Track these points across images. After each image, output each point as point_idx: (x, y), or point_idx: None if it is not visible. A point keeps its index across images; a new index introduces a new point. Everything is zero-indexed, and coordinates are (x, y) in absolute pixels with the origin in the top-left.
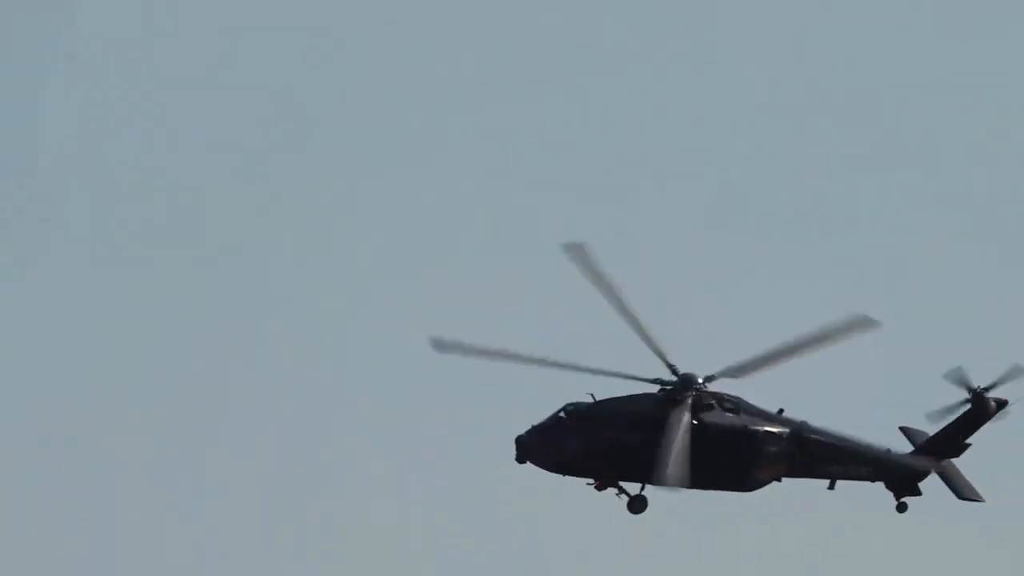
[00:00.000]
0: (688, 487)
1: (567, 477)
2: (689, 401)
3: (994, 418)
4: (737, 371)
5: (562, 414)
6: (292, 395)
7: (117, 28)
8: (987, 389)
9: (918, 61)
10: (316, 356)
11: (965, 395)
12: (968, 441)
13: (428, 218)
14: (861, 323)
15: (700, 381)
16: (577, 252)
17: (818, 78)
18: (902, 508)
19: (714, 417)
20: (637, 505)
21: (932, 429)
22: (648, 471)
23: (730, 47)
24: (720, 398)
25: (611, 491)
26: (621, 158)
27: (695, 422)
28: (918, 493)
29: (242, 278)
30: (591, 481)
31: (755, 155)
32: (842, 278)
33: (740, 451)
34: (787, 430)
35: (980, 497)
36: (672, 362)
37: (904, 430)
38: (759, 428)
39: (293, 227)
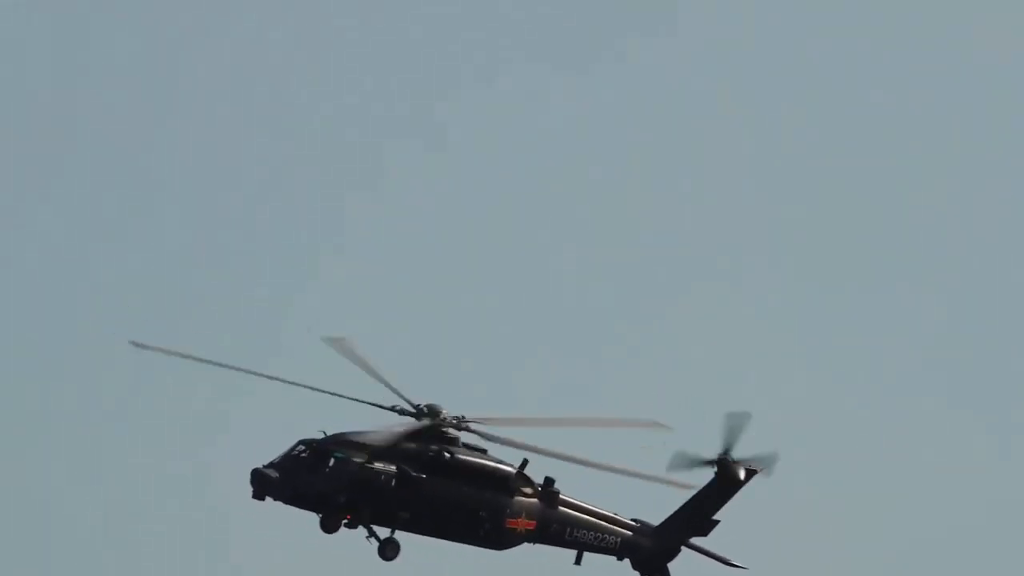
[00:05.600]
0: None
1: (311, 514)
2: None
3: (743, 487)
4: (489, 431)
5: (299, 447)
6: None
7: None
8: (726, 453)
9: None
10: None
11: (711, 458)
12: (716, 518)
13: None
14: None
15: (445, 414)
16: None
17: None
18: None
19: (464, 453)
20: (388, 550)
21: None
22: (391, 503)
23: None
24: (460, 438)
25: (363, 532)
26: None
27: (447, 455)
28: (666, 574)
29: None
30: (346, 520)
31: None
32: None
33: (493, 494)
34: (538, 481)
35: (742, 564)
36: (415, 402)
37: (639, 522)
38: (512, 469)
39: None
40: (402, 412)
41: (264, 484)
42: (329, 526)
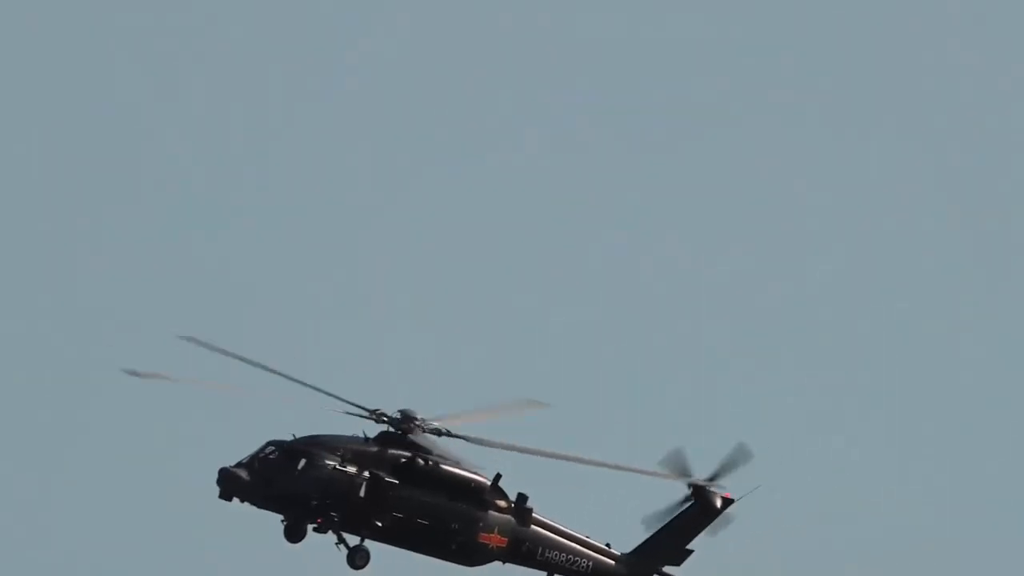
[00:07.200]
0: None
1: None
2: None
3: (719, 519)
4: (469, 434)
5: (269, 448)
6: None
7: None
8: (711, 479)
9: None
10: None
11: (685, 490)
12: (690, 547)
13: None
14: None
15: (419, 418)
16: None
17: None
18: None
19: (439, 461)
20: (358, 558)
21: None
22: (362, 509)
23: None
24: (434, 446)
25: (332, 538)
26: None
27: (420, 462)
28: None
29: None
30: (316, 524)
31: None
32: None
33: (466, 505)
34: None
35: None
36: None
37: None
38: (487, 480)
39: None
40: (379, 419)
41: (232, 484)
42: (293, 535)
